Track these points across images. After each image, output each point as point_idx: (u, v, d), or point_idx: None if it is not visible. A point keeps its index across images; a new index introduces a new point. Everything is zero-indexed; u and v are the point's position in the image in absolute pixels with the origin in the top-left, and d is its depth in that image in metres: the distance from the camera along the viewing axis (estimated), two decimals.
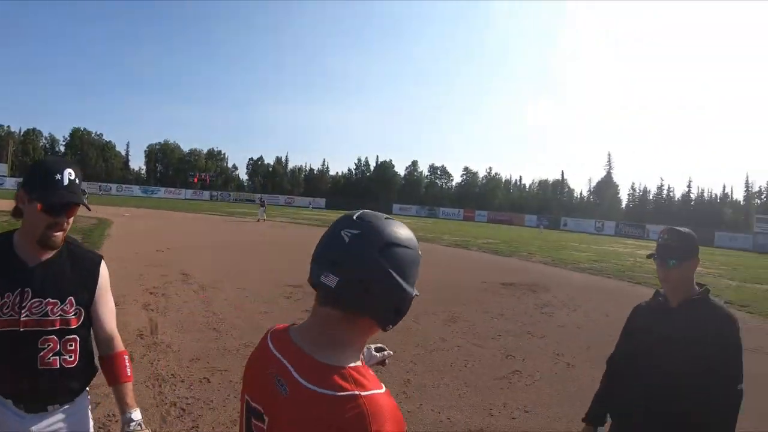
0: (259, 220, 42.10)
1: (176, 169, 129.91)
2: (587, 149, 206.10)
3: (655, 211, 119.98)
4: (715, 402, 2.70)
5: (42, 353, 2.40)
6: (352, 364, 1.36)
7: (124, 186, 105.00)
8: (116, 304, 2.85)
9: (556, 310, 12.95)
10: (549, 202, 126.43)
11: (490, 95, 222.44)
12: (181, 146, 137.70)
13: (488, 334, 10.16)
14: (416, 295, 1.42)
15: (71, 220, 2.44)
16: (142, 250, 18.15)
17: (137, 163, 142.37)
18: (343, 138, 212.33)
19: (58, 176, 2.32)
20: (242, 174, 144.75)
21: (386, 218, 1.45)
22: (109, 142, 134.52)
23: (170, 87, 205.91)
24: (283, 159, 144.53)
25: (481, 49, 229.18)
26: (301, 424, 1.28)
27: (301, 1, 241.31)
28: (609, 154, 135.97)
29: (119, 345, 2.72)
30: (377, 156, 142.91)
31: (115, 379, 2.64)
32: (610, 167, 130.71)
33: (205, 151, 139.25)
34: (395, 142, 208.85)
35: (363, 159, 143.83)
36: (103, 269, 2.71)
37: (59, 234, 2.40)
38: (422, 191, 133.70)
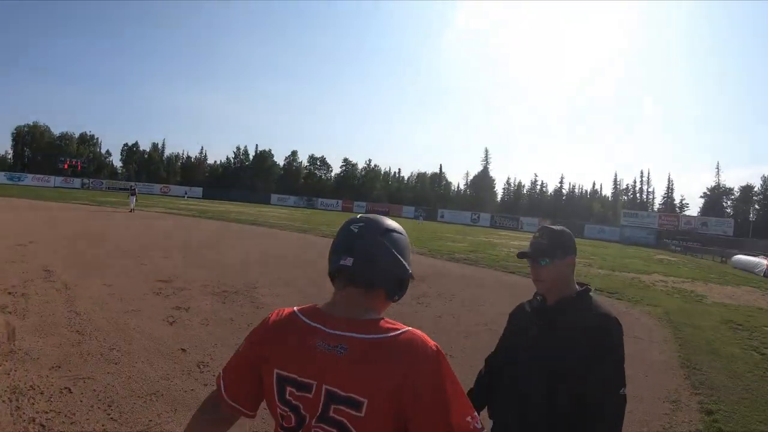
0: (131, 211, 40.04)
1: (46, 154, 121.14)
2: (466, 145, 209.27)
3: (528, 204, 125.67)
4: (596, 408, 2.48)
5: None
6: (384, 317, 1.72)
7: None
8: None
9: (432, 301, 12.91)
10: (427, 194, 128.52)
11: (371, 89, 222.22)
12: (52, 129, 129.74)
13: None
14: (411, 274, 1.81)
15: None
16: (0, 245, 16.29)
17: (3, 146, 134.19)
18: (222, 126, 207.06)
19: None
20: (116, 161, 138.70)
21: (383, 215, 1.89)
22: None
23: (40, 65, 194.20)
24: (160, 146, 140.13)
25: (363, 44, 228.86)
26: (372, 367, 1.58)
27: None
28: (486, 150, 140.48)
29: None
30: (256, 145, 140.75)
31: None
32: (487, 162, 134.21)
33: (77, 135, 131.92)
34: (275, 132, 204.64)
35: (242, 148, 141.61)
36: None
37: None
38: (301, 181, 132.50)
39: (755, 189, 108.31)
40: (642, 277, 22.58)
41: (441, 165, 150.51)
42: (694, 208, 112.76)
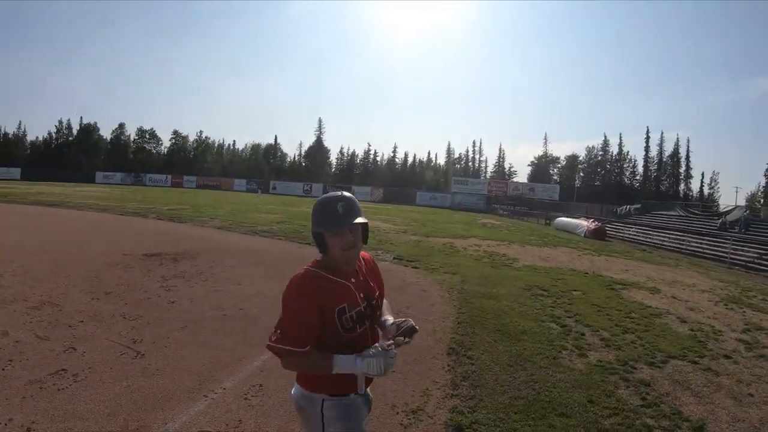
0: None
1: None
2: (300, 116, 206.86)
3: (362, 174, 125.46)
4: None
5: None
6: None
7: None
8: None
9: (182, 282, 11.12)
10: (261, 166, 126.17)
11: (199, 56, 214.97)
12: None
13: (68, 319, 7.96)
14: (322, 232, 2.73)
15: None
16: None
17: None
18: (46, 97, 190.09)
19: None
20: None
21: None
22: None
23: None
24: None
25: (189, 5, 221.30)
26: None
27: None
28: (320, 120, 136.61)
29: None
30: (80, 118, 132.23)
31: None
32: (321, 132, 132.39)
33: None
34: (101, 103, 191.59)
35: (65, 122, 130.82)
36: None
37: None
38: (130, 157, 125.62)
39: (580, 158, 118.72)
40: (456, 242, 22.00)
41: (276, 136, 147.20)
42: (523, 177, 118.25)
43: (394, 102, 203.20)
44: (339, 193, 2.75)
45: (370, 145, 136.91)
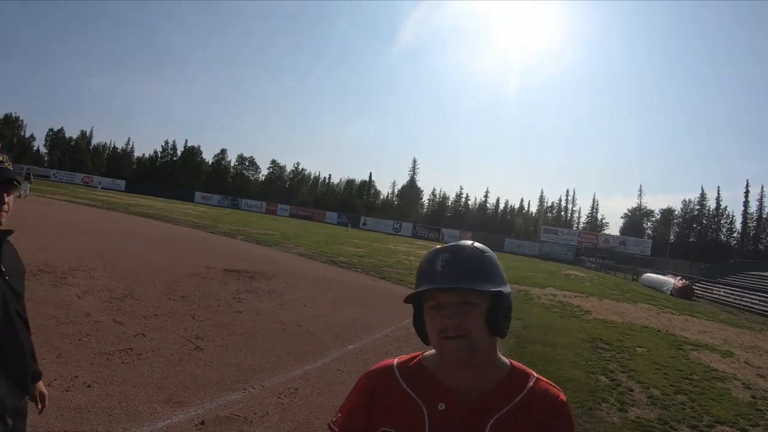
0: (20, 196, 36.69)
1: None
2: (395, 154, 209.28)
3: (453, 216, 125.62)
4: None
5: None
6: None
7: None
8: None
9: (253, 297, 11.93)
10: (354, 201, 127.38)
11: (305, 93, 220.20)
12: None
13: (143, 312, 9.18)
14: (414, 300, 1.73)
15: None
16: None
17: None
18: (152, 118, 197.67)
19: None
20: (41, 147, 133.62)
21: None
22: None
23: None
24: (88, 134, 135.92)
25: (305, 49, 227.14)
26: None
27: None
28: (414, 160, 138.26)
29: None
30: (186, 140, 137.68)
31: None
32: (415, 173, 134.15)
33: (1, 115, 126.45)
34: (206, 129, 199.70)
35: (171, 142, 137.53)
36: None
37: None
38: (229, 181, 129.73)
39: (676, 212, 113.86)
40: (533, 290, 21.81)
41: (371, 173, 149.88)
42: (615, 229, 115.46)
43: (488, 147, 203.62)
44: (459, 243, 1.71)
45: (462, 189, 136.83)
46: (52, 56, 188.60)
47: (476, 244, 1.71)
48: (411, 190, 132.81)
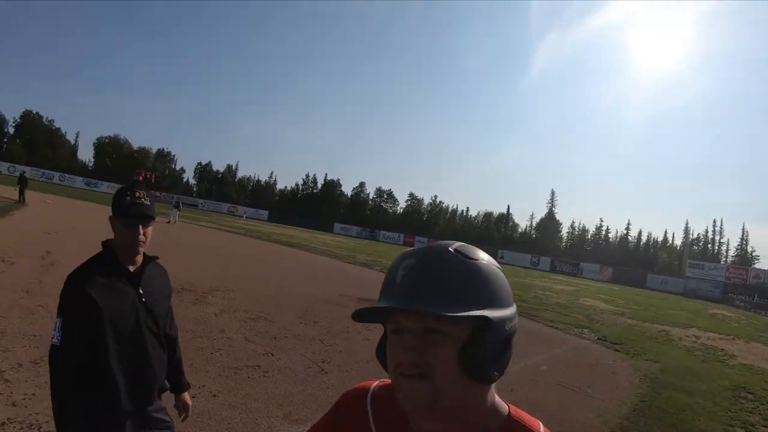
0: (169, 222, 40.50)
1: (124, 165, 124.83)
2: (534, 185, 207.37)
3: (592, 250, 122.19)
4: None
5: None
6: None
7: (67, 176, 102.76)
8: None
9: (377, 327, 11.65)
10: (491, 234, 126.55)
11: (442, 127, 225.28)
12: (131, 142, 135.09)
13: (275, 333, 9.95)
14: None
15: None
16: (30, 230, 20.13)
17: (86, 154, 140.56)
18: (294, 153, 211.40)
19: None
20: (191, 178, 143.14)
21: None
22: (59, 129, 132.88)
23: (126, 82, 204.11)
24: (234, 167, 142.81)
25: (442, 83, 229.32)
26: None
27: (265, 19, 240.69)
28: (552, 192, 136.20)
29: None
30: (326, 174, 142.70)
31: None
32: (553, 205, 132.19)
33: (154, 150, 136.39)
34: (345, 162, 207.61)
35: (311, 175, 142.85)
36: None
37: None
38: (367, 213, 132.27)
39: None
40: (673, 331, 20.66)
41: (508, 206, 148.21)
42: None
43: (630, 176, 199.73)
44: (435, 244, 1.26)
45: (602, 221, 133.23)
46: (204, 98, 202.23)
47: (459, 245, 1.21)
48: (549, 222, 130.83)
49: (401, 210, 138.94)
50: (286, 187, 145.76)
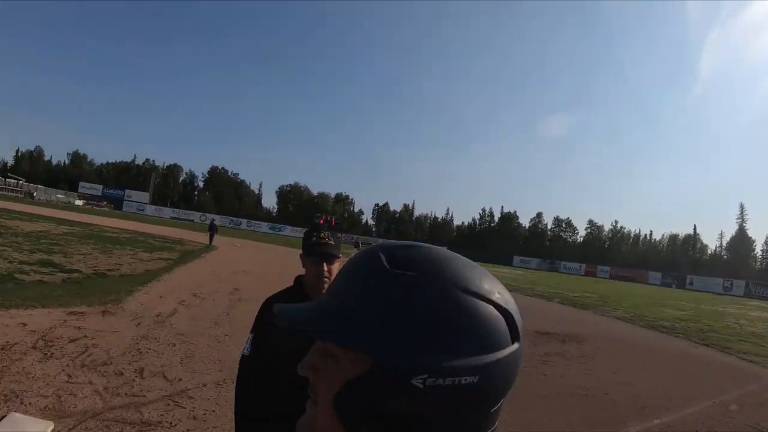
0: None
1: (305, 210, 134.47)
2: (720, 200, 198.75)
3: None
4: None
5: None
6: None
7: (254, 222, 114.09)
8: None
9: (560, 360, 11.94)
10: (677, 258, 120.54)
11: (615, 149, 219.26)
12: (311, 189, 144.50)
13: None
14: None
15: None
16: (220, 270, 22.08)
17: (270, 202, 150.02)
18: (468, 189, 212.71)
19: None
20: (369, 219, 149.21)
21: None
22: (244, 181, 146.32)
23: (303, 134, 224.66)
24: (410, 206, 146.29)
25: (612, 110, 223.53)
26: None
27: (439, 61, 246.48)
28: (741, 206, 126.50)
29: None
30: (501, 207, 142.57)
31: None
32: (743, 221, 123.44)
33: (333, 194, 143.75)
34: (519, 194, 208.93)
35: (487, 209, 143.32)
36: None
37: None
38: (546, 244, 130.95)
39: None
40: None
41: (695, 226, 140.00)
42: None
43: None
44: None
45: None
46: (376, 146, 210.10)
47: (400, 247, 0.85)
48: (741, 241, 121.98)
49: (581, 239, 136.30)
50: (463, 222, 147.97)
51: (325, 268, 2.90)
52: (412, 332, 0.75)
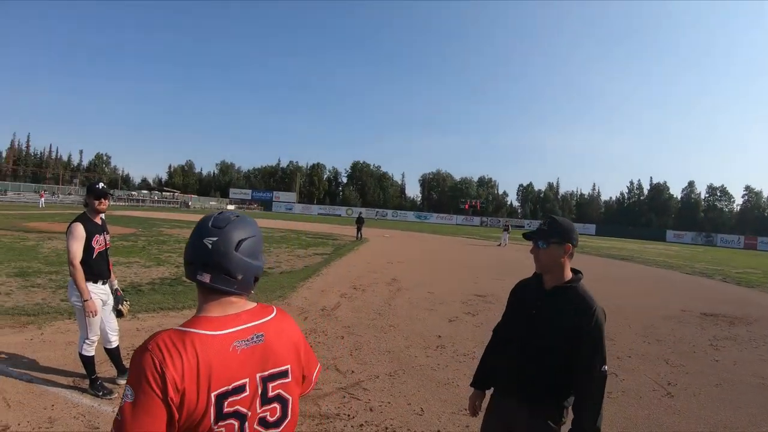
0: (500, 245, 41.00)
1: (449, 197, 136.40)
2: None
3: None
4: (580, 381, 2.96)
5: None
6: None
7: (399, 212, 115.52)
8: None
9: (731, 345, 11.08)
10: None
11: None
12: (453, 175, 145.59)
13: (618, 352, 9.67)
14: (263, 265, 1.99)
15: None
16: (375, 261, 22.88)
17: (413, 191, 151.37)
18: (613, 162, 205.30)
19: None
20: (513, 200, 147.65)
21: (235, 218, 1.87)
22: (386, 173, 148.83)
23: (439, 121, 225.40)
24: (554, 184, 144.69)
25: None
26: (285, 338, 1.95)
27: (571, 37, 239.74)
28: None
29: None
30: (651, 178, 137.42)
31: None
32: None
33: (476, 179, 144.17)
34: (668, 163, 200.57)
35: (636, 182, 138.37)
36: None
37: None
38: (700, 216, 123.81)
39: None
40: None
41: None
42: None
43: None
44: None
45: None
46: (509, 126, 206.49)
47: (225, 213, 1.91)
48: None
49: (738, 208, 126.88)
50: (610, 197, 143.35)
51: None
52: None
